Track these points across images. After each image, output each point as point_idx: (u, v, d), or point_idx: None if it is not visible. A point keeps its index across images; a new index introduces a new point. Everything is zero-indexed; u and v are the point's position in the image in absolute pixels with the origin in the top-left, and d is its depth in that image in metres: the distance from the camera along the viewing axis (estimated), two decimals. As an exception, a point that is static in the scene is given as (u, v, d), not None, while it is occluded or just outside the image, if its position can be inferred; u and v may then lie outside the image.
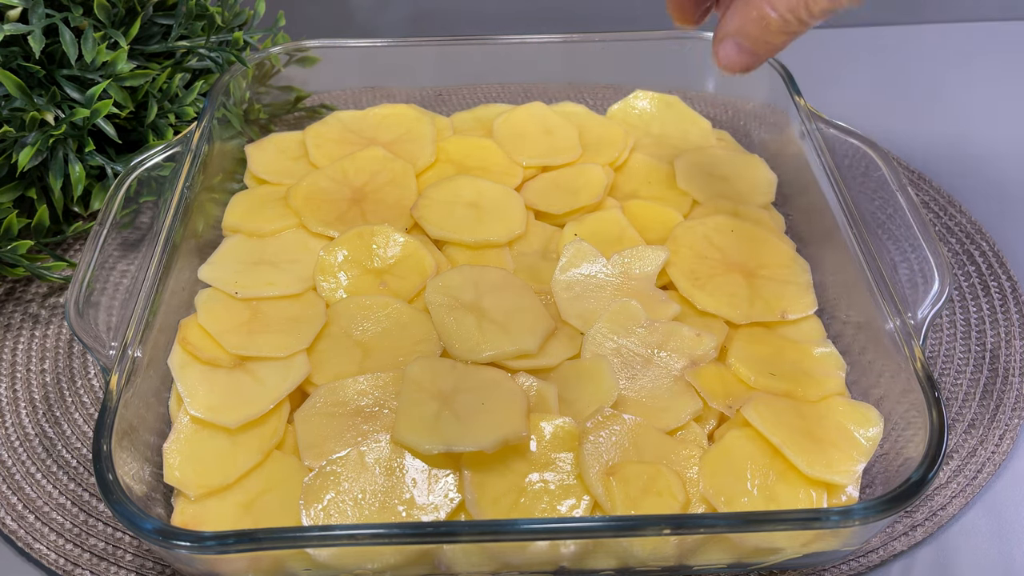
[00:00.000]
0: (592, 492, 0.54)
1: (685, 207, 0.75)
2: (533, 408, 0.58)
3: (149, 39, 0.80)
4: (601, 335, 0.63)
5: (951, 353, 0.71)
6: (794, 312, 0.66)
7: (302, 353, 0.62)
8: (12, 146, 0.72)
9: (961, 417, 0.67)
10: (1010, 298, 0.75)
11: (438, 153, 0.79)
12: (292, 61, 0.85)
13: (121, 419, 0.54)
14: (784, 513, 0.51)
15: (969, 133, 0.94)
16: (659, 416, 0.59)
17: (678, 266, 0.68)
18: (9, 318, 0.74)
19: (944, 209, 0.83)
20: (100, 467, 0.51)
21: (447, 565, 0.54)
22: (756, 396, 0.59)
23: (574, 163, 0.78)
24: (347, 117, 0.82)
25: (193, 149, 0.71)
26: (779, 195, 0.78)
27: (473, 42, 0.86)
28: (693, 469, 0.56)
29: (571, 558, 0.54)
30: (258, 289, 0.66)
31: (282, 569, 0.53)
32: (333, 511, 0.54)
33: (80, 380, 0.70)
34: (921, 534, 0.60)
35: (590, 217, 0.73)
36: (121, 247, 0.79)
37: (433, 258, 0.69)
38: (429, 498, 0.54)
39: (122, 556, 0.59)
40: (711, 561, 0.56)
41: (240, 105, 0.82)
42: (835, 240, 0.68)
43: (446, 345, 0.63)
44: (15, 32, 0.70)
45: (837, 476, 0.55)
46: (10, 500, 0.61)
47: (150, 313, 0.60)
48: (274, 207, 0.73)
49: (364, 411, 0.59)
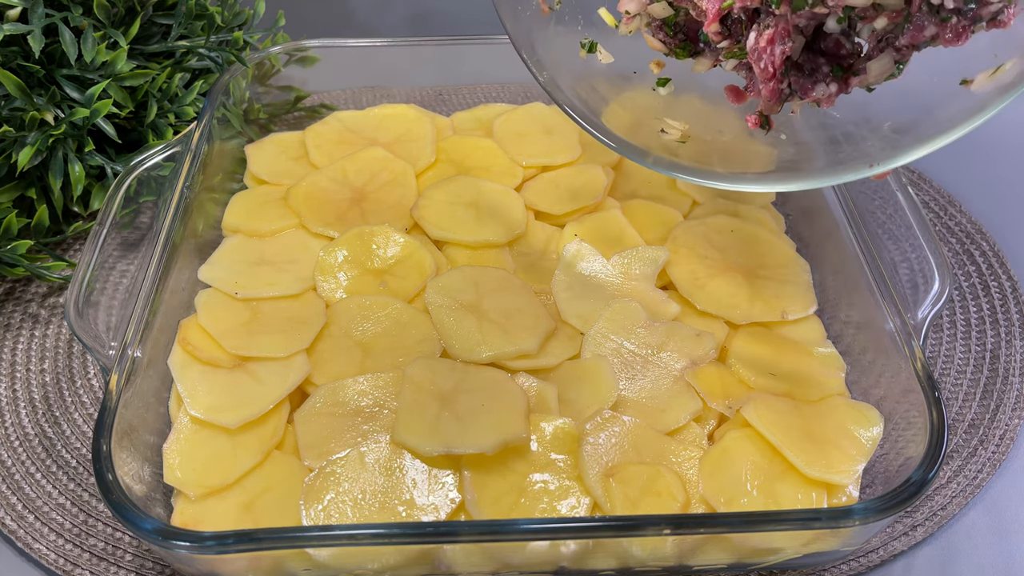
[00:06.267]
0: (592, 493, 0.54)
1: (685, 207, 0.75)
2: (533, 408, 0.58)
3: (149, 39, 0.80)
4: (601, 335, 0.63)
5: (951, 353, 0.71)
6: (794, 312, 0.66)
7: (302, 353, 0.62)
8: (12, 146, 0.72)
9: (961, 417, 0.67)
10: (1010, 298, 0.75)
11: (438, 153, 0.79)
12: (292, 61, 0.85)
13: (121, 419, 0.54)
14: (784, 513, 0.51)
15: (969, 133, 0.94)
16: (659, 416, 0.59)
17: (678, 266, 0.68)
18: (9, 318, 0.74)
19: (944, 209, 0.83)
20: (100, 467, 0.51)
21: (447, 565, 0.54)
22: (756, 396, 0.59)
23: (574, 163, 0.78)
24: (347, 117, 0.82)
25: (193, 149, 0.71)
26: (779, 195, 0.78)
27: (473, 42, 0.85)
28: (693, 470, 0.56)
29: (571, 558, 0.54)
30: (258, 289, 0.66)
31: (282, 569, 0.53)
32: (333, 511, 0.54)
33: (80, 380, 0.70)
34: (921, 534, 0.60)
35: (590, 217, 0.73)
36: (121, 247, 0.78)
37: (433, 258, 0.69)
38: (429, 498, 0.54)
39: (122, 556, 0.59)
40: (711, 561, 0.56)
41: (240, 105, 0.82)
42: (835, 240, 0.68)
43: (446, 345, 0.63)
44: (15, 32, 0.70)
45: (837, 476, 0.55)
46: (10, 500, 0.61)
47: (150, 313, 0.60)
48: (274, 207, 0.73)
49: (364, 411, 0.59)
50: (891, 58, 0.49)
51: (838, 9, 0.47)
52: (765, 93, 0.52)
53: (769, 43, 0.50)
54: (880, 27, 0.48)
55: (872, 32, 0.49)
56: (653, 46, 0.56)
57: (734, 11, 0.51)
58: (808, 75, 0.52)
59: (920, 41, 0.47)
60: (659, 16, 0.54)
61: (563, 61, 0.59)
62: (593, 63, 0.58)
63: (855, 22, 0.49)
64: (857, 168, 0.51)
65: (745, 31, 0.52)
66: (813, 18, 0.49)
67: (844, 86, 0.52)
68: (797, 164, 0.55)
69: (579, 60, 0.59)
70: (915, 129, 0.49)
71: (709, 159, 0.57)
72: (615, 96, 0.60)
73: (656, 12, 0.54)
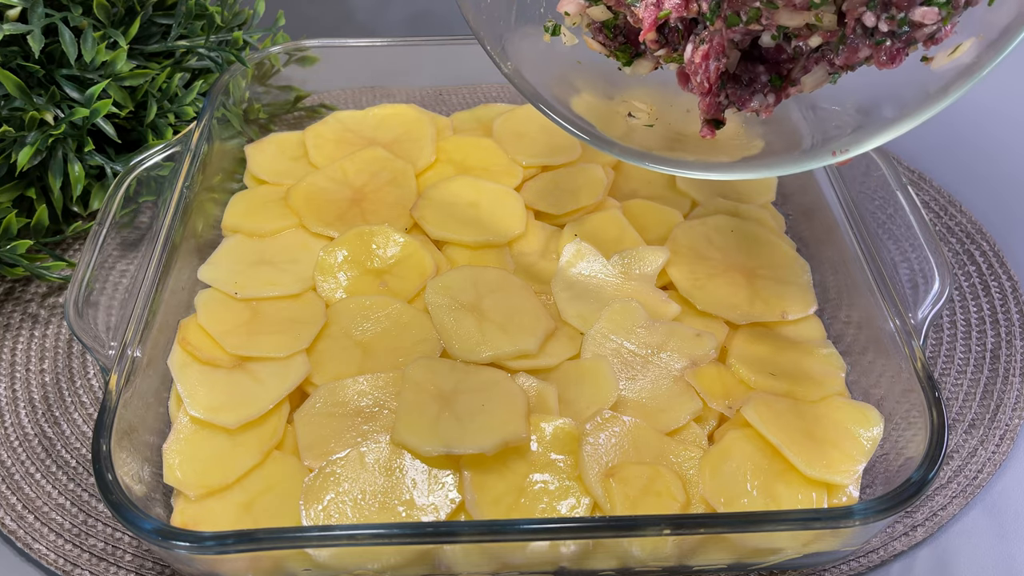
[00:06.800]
0: (592, 493, 0.54)
1: (685, 207, 0.75)
2: (533, 408, 0.58)
3: (148, 39, 0.80)
4: (601, 335, 0.63)
5: (951, 353, 0.71)
6: (794, 312, 0.66)
7: (302, 353, 0.62)
8: (12, 146, 0.72)
9: (961, 417, 0.67)
10: (1010, 298, 0.75)
11: (438, 153, 0.79)
12: (292, 61, 0.85)
13: (120, 419, 0.54)
14: (784, 513, 0.51)
15: (969, 133, 0.94)
16: (659, 417, 0.59)
17: (678, 266, 0.68)
18: (8, 318, 0.74)
19: (944, 209, 0.83)
20: (99, 467, 0.51)
21: (447, 565, 0.54)
22: (756, 396, 0.59)
23: (574, 163, 0.78)
24: (347, 117, 0.82)
25: (193, 149, 0.71)
26: (779, 195, 0.78)
27: (473, 42, 0.85)
28: (693, 470, 0.56)
29: (571, 558, 0.54)
30: (258, 289, 0.66)
31: (282, 569, 0.53)
32: (333, 511, 0.54)
33: (79, 380, 0.70)
34: (921, 534, 0.60)
35: (590, 217, 0.73)
36: (120, 247, 0.78)
37: (433, 258, 0.69)
38: (429, 498, 0.54)
39: (121, 556, 0.59)
40: (711, 561, 0.56)
41: (240, 105, 0.82)
42: (835, 240, 0.68)
43: (446, 345, 0.63)
44: (15, 32, 0.70)
45: (837, 476, 0.55)
46: (9, 500, 0.61)
47: (150, 313, 0.60)
48: (274, 207, 0.73)
49: (364, 411, 0.59)
50: (825, 71, 0.49)
51: (772, 27, 0.47)
52: (702, 106, 0.52)
53: (704, 59, 0.50)
54: (814, 45, 0.48)
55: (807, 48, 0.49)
56: (593, 48, 0.56)
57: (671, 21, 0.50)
58: (746, 86, 0.52)
59: (854, 62, 0.47)
60: (598, 19, 0.55)
61: (527, 50, 0.58)
62: (558, 46, 0.58)
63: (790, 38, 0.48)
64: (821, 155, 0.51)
65: (682, 40, 0.52)
66: (748, 33, 0.49)
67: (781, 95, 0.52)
68: (764, 152, 0.55)
69: (543, 46, 0.58)
70: (878, 112, 0.49)
71: (677, 146, 0.57)
72: (584, 84, 0.60)
73: (595, 15, 0.54)
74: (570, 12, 0.55)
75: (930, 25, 0.44)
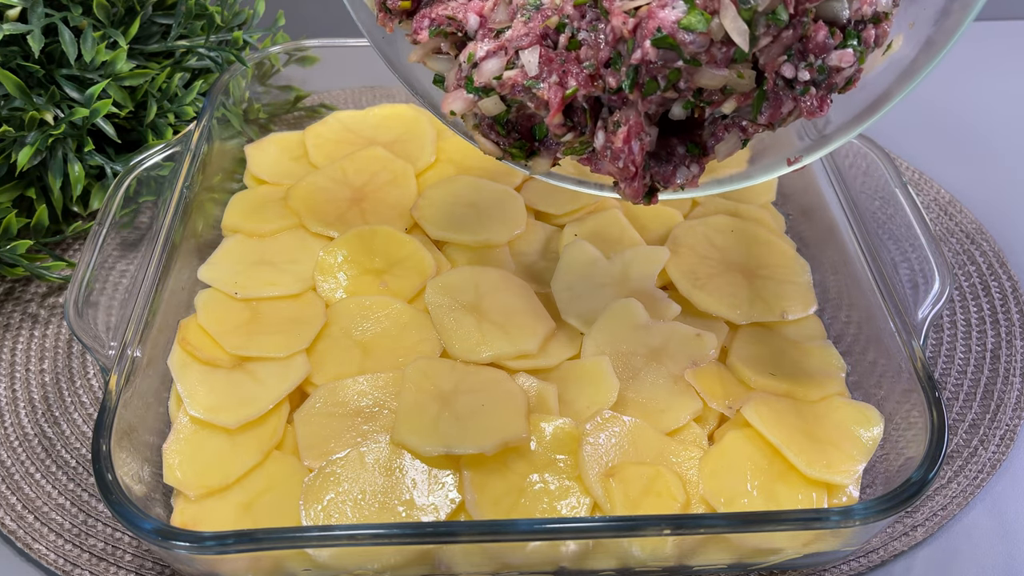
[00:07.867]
0: (592, 493, 0.54)
1: (685, 207, 0.75)
2: (533, 408, 0.58)
3: (148, 39, 0.80)
4: (601, 335, 0.63)
5: (951, 353, 0.71)
6: (794, 312, 0.66)
7: (302, 353, 0.62)
8: (12, 146, 0.72)
9: (962, 417, 0.67)
10: (1010, 298, 0.75)
11: (438, 153, 0.79)
12: (292, 61, 0.85)
13: (120, 419, 0.54)
14: (784, 513, 0.51)
15: (969, 133, 0.94)
16: (659, 417, 0.59)
17: (678, 266, 0.68)
18: (8, 318, 0.74)
19: (944, 209, 0.83)
20: (99, 467, 0.51)
21: (447, 565, 0.54)
22: (756, 396, 0.59)
23: (574, 163, 0.78)
24: (347, 117, 0.82)
25: (192, 149, 0.71)
26: (779, 195, 0.78)
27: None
28: (693, 470, 0.56)
29: (571, 558, 0.54)
30: (258, 289, 0.66)
31: (282, 569, 0.53)
32: (333, 511, 0.54)
33: (79, 380, 0.70)
34: (922, 534, 0.60)
35: (590, 217, 0.73)
36: (120, 247, 0.78)
37: (433, 258, 0.69)
38: (429, 499, 0.54)
39: (121, 556, 0.59)
40: (711, 561, 0.56)
41: (240, 105, 0.82)
42: (835, 240, 0.68)
43: (446, 346, 0.63)
44: (14, 32, 0.70)
45: (837, 476, 0.55)
46: (9, 500, 0.61)
47: (150, 313, 0.60)
48: (274, 207, 0.73)
49: (364, 411, 0.59)
50: (737, 137, 0.48)
51: (688, 92, 0.45)
52: (628, 192, 0.50)
53: (625, 141, 0.47)
54: (729, 111, 0.46)
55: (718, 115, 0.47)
56: (486, 149, 0.52)
57: (577, 99, 0.48)
58: (666, 161, 0.50)
59: (778, 118, 0.46)
60: (491, 113, 0.50)
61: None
62: None
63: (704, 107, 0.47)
64: (775, 166, 0.50)
65: (589, 121, 0.49)
66: (662, 104, 0.47)
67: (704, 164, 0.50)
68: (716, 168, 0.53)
69: None
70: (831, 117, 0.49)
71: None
72: None
73: (488, 108, 0.49)
74: (457, 111, 0.50)
75: (847, 68, 0.44)
